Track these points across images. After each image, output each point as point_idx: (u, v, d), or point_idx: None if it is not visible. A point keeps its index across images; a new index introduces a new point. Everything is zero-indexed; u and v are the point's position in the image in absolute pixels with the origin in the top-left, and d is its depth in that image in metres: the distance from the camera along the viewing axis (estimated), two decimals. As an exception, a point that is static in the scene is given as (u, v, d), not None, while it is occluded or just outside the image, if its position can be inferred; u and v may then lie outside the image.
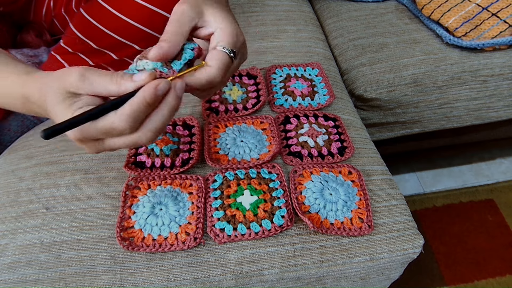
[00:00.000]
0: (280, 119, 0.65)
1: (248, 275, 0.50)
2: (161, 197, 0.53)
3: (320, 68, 0.75)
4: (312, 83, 0.72)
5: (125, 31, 0.61)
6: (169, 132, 0.61)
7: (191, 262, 0.50)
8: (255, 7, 0.86)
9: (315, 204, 0.54)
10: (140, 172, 0.56)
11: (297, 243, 0.52)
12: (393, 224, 0.56)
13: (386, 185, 0.60)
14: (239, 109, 0.66)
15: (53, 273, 0.48)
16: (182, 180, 0.56)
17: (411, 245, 0.55)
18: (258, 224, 0.52)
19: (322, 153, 0.61)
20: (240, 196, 0.54)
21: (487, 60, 0.84)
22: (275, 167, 0.58)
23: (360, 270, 0.53)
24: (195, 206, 0.53)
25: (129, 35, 0.62)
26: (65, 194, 0.54)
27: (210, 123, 0.64)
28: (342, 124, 0.66)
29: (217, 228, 0.52)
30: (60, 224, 0.51)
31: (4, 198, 0.55)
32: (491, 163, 1.32)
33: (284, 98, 0.69)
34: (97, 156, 0.59)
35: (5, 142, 0.69)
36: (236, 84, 0.70)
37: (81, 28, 0.64)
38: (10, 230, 0.51)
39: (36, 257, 0.49)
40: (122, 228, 0.51)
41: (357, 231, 0.53)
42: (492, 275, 1.06)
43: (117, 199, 0.54)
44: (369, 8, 0.97)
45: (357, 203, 0.56)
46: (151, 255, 0.50)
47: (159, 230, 0.51)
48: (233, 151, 0.60)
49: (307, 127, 0.63)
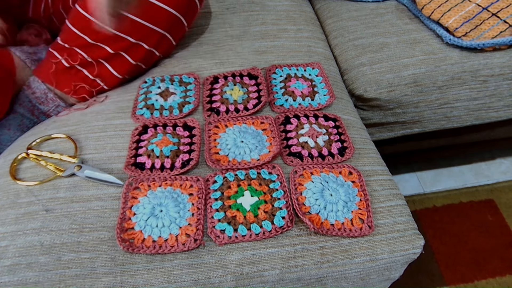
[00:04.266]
0: (281, 119, 0.65)
1: (249, 276, 0.50)
2: (161, 198, 0.53)
3: (320, 68, 0.75)
4: (313, 83, 0.71)
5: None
6: (169, 133, 0.61)
7: (191, 264, 0.49)
8: (255, 6, 0.86)
9: (315, 205, 0.54)
10: (140, 173, 0.56)
11: (298, 244, 0.52)
12: (393, 225, 0.56)
13: (386, 186, 0.60)
14: (240, 109, 0.66)
15: (53, 275, 0.48)
16: (182, 181, 0.56)
17: (411, 245, 0.55)
18: (259, 225, 0.52)
19: (322, 154, 0.61)
20: (241, 197, 0.54)
21: (487, 60, 0.83)
22: (275, 168, 0.58)
23: (360, 270, 0.53)
24: (195, 207, 0.53)
25: (123, 27, 0.63)
26: (65, 196, 0.54)
27: (210, 123, 0.64)
28: (342, 124, 0.66)
29: (217, 229, 0.51)
30: (60, 226, 0.51)
31: (4, 200, 0.54)
32: (491, 163, 1.32)
33: (284, 98, 0.69)
34: (97, 157, 0.58)
35: (4, 142, 0.69)
36: (237, 84, 0.70)
37: (77, 23, 0.64)
38: (10, 232, 0.51)
39: (36, 259, 0.49)
40: (122, 229, 0.50)
41: (358, 232, 0.53)
42: (492, 275, 1.06)
43: (117, 201, 0.54)
44: (369, 8, 0.96)
45: (358, 204, 0.56)
46: (152, 257, 0.49)
47: (159, 232, 0.51)
48: (233, 152, 0.60)
49: (307, 128, 0.63)
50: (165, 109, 0.66)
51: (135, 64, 0.68)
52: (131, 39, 0.65)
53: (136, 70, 0.71)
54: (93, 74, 0.67)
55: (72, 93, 0.70)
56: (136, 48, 0.66)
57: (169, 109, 0.66)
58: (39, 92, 0.69)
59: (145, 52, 0.68)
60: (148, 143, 0.60)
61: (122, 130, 0.62)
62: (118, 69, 0.68)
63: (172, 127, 0.63)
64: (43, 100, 0.70)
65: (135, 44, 0.66)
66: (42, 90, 0.69)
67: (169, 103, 0.66)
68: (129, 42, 0.65)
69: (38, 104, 0.70)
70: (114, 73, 0.68)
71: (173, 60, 0.76)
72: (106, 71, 0.67)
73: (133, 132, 0.61)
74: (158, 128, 0.62)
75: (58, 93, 0.70)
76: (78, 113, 0.67)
